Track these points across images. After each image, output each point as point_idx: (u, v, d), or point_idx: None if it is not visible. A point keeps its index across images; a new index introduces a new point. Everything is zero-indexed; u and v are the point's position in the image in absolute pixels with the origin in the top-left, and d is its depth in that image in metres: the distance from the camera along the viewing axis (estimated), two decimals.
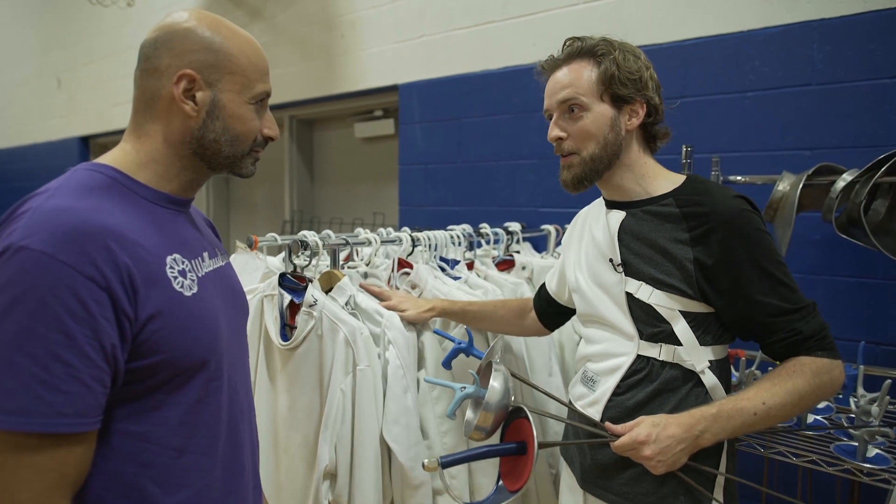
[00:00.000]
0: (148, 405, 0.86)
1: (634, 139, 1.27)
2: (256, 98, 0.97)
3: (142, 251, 0.84)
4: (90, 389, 0.78)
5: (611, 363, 1.27)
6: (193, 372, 0.89)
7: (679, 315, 1.19)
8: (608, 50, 1.23)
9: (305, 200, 3.97)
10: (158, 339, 0.84)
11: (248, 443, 1.04)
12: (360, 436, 1.35)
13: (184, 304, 0.88)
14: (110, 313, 0.79)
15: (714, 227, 1.16)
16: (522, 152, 2.66)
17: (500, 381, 1.23)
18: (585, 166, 1.25)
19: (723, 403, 1.14)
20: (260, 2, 3.78)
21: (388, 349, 1.41)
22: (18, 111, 6.54)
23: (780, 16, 1.98)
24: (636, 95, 1.23)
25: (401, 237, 1.77)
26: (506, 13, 2.67)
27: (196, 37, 0.93)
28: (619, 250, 1.25)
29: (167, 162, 0.95)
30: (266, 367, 1.47)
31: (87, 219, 0.80)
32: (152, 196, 0.93)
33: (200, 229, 1.05)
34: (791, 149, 1.98)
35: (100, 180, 0.88)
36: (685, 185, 1.25)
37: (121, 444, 0.84)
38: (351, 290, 1.48)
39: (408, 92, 3.05)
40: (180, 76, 0.91)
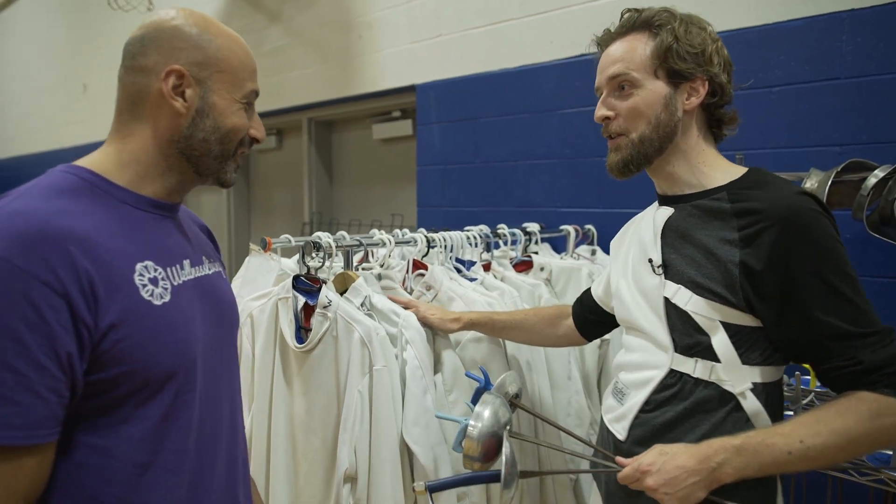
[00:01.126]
0: (114, 418, 0.82)
1: (694, 122, 1.14)
2: (246, 97, 0.96)
3: (107, 256, 0.81)
4: (44, 400, 0.74)
5: (642, 375, 1.16)
6: (161, 384, 0.85)
7: (719, 326, 1.05)
8: (667, 20, 1.11)
9: (324, 202, 3.97)
10: (121, 349, 0.80)
11: (225, 458, 0.99)
12: (377, 437, 1.33)
13: (151, 312, 0.84)
14: (67, 320, 0.75)
15: (768, 227, 1.01)
16: (540, 152, 2.62)
17: (488, 410, 1.16)
18: (634, 149, 1.13)
19: (750, 435, 1.00)
20: (278, 5, 3.79)
21: (405, 349, 1.39)
22: (44, 116, 6.66)
23: (805, 8, 1.92)
24: (697, 71, 1.10)
25: (416, 238, 1.75)
26: (522, 11, 2.63)
27: (184, 34, 0.91)
28: (662, 250, 1.14)
29: (152, 163, 0.92)
30: (282, 371, 1.46)
31: (48, 221, 0.77)
32: (131, 199, 0.90)
33: (189, 236, 1.01)
34: (819, 145, 1.92)
35: (72, 182, 0.86)
36: (743, 177, 1.11)
37: (83, 457, 0.81)
38: (366, 291, 1.46)
39: (425, 92, 3.03)
40: (169, 72, 0.90)
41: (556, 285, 2.04)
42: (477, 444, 1.14)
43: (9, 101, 7.51)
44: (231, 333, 1.06)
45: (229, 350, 1.04)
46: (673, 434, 1.09)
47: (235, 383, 1.06)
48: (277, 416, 1.45)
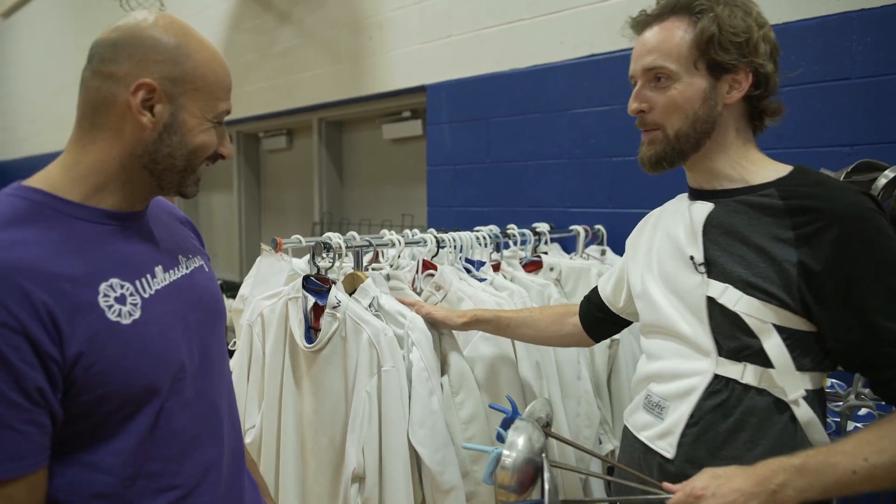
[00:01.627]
0: (100, 436, 0.82)
1: (735, 115, 1.07)
2: (218, 117, 0.92)
3: (66, 285, 0.78)
4: (21, 433, 0.74)
5: (682, 384, 1.06)
6: (142, 400, 0.84)
7: (772, 329, 0.98)
8: (709, 5, 1.02)
9: (335, 202, 3.99)
10: (94, 374, 0.79)
11: (228, 451, 1.00)
12: (387, 438, 1.34)
13: (120, 334, 0.82)
14: (31, 357, 0.74)
15: (827, 226, 0.94)
16: (551, 152, 2.62)
17: (522, 437, 1.08)
18: (668, 145, 1.07)
19: (810, 454, 0.93)
20: (288, 6, 3.81)
21: (411, 351, 1.39)
22: (60, 117, 6.72)
23: (816, 7, 1.92)
24: (740, 62, 1.02)
25: (425, 238, 1.76)
26: (533, 11, 2.64)
27: (161, 46, 0.86)
28: (704, 246, 1.05)
29: (111, 175, 0.87)
30: (292, 370, 1.47)
31: (1, 259, 0.75)
32: (87, 215, 0.86)
33: (158, 239, 0.97)
34: (829, 145, 1.91)
35: (21, 207, 0.82)
36: (793, 174, 1.04)
37: (76, 475, 0.81)
38: (374, 292, 1.47)
39: (435, 92, 3.04)
40: (139, 85, 0.85)
41: (565, 285, 2.04)
42: (512, 473, 1.05)
43: (21, 103, 7.60)
44: (217, 327, 1.03)
45: (217, 345, 1.03)
46: (729, 449, 1.02)
47: (226, 376, 1.05)
48: (287, 415, 1.46)
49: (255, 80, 4.07)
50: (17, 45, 7.66)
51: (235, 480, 1.03)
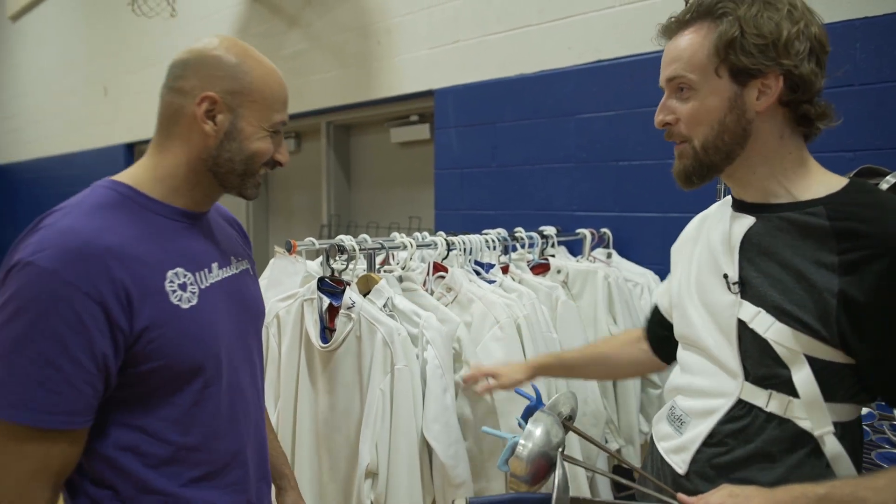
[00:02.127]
0: (148, 404, 0.94)
1: (774, 122, 0.97)
2: (273, 126, 1.03)
3: (141, 268, 0.91)
4: (80, 393, 0.86)
5: (706, 404, 1.03)
6: (189, 377, 0.96)
7: (803, 360, 0.92)
8: (732, 7, 0.95)
9: (342, 205, 4.03)
10: (154, 349, 0.91)
11: (254, 442, 1.10)
12: (397, 434, 1.38)
13: (179, 316, 0.94)
14: (104, 326, 0.86)
15: (877, 255, 0.87)
16: (558, 156, 2.66)
17: (541, 429, 1.08)
18: (696, 158, 0.99)
19: (836, 485, 0.88)
20: (297, 10, 3.85)
21: (426, 349, 1.43)
22: (67, 119, 6.78)
23: (820, 15, 1.95)
24: (768, 66, 0.93)
25: (436, 241, 1.79)
26: (541, 17, 2.67)
27: (223, 63, 0.99)
28: (740, 265, 1.00)
29: (183, 177, 1.01)
30: (307, 370, 1.51)
31: (91, 240, 0.88)
32: (164, 211, 1.00)
33: (217, 238, 1.11)
34: (832, 150, 1.94)
35: (113, 198, 0.96)
36: (845, 190, 0.95)
37: (122, 435, 0.93)
38: (388, 293, 1.51)
39: (443, 97, 3.08)
40: (203, 98, 0.97)
41: (572, 288, 2.08)
42: (526, 464, 1.05)
43: (30, 105, 7.66)
44: (255, 326, 1.15)
45: (254, 342, 1.14)
46: (742, 474, 0.98)
47: (258, 372, 1.16)
48: (302, 413, 1.50)
49: None
50: (26, 48, 7.72)
51: (262, 479, 1.13)
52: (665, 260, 1.26)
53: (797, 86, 0.95)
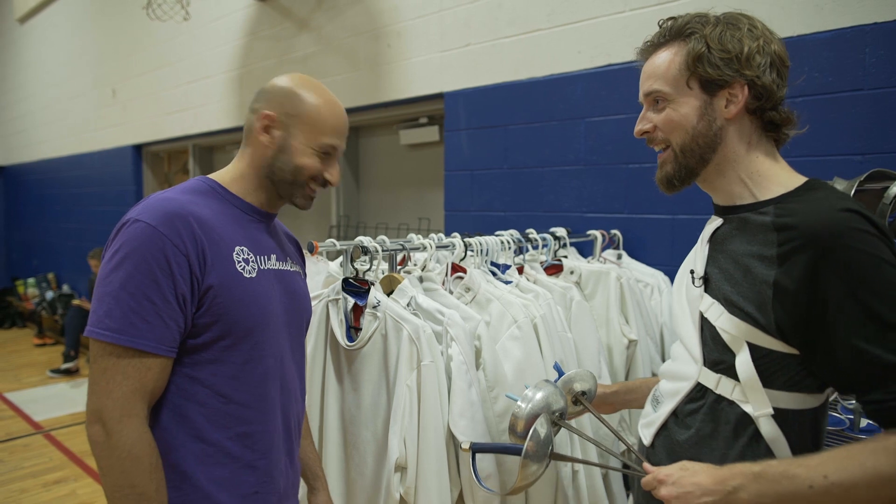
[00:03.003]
0: (206, 357, 1.11)
1: (742, 128, 1.07)
2: (322, 148, 1.21)
3: (216, 236, 1.12)
4: (167, 325, 1.05)
5: (674, 385, 1.15)
6: (241, 337, 1.13)
7: (744, 346, 1.02)
8: (699, 27, 1.07)
9: (351, 205, 4.07)
10: (216, 305, 1.10)
11: (295, 419, 1.26)
12: (425, 429, 1.41)
13: (240, 282, 1.13)
14: (186, 273, 1.07)
15: (803, 245, 0.95)
16: (568, 158, 2.70)
17: (541, 394, 1.26)
18: (676, 162, 1.10)
19: (772, 464, 0.95)
20: (307, 13, 3.89)
21: (450, 346, 1.47)
22: (76, 121, 6.82)
23: (831, 20, 1.99)
24: (733, 76, 1.04)
25: (454, 243, 1.83)
26: (552, 21, 2.71)
27: (287, 91, 1.21)
28: (707, 262, 1.11)
29: (250, 179, 1.24)
30: (333, 369, 1.55)
31: (182, 206, 1.10)
32: (240, 204, 1.23)
33: (278, 240, 1.32)
34: (842, 154, 1.99)
35: (201, 186, 1.21)
36: (796, 190, 1.04)
37: (182, 383, 1.10)
38: (411, 292, 1.55)
39: (453, 100, 3.12)
40: (263, 115, 1.20)
41: (584, 288, 2.12)
42: (521, 421, 1.23)
43: (37, 107, 7.70)
44: (301, 320, 1.31)
45: (298, 334, 1.30)
46: (690, 453, 1.09)
47: (302, 362, 1.32)
48: (329, 411, 1.54)
49: None
50: (33, 49, 7.76)
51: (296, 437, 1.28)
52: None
53: (761, 94, 1.05)
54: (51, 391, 5.36)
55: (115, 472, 1.02)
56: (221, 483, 1.12)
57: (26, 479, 3.61)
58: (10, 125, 8.55)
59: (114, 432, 1.02)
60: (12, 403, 5.01)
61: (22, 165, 8.29)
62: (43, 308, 7.08)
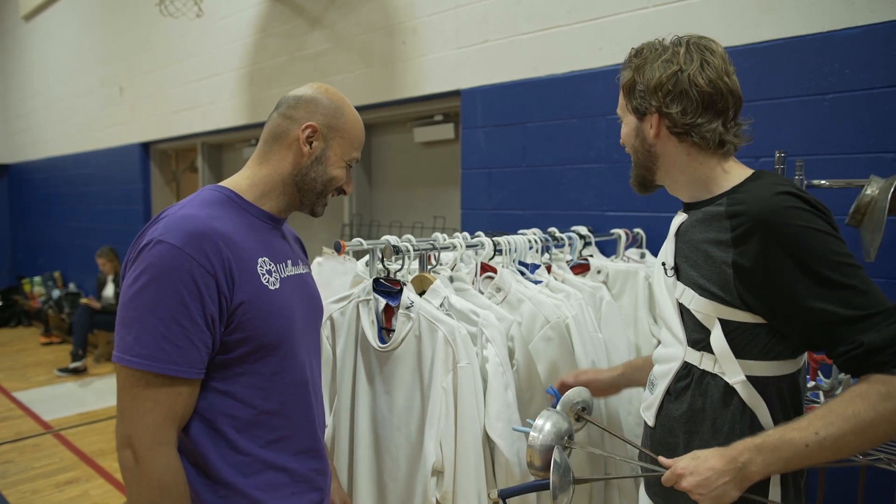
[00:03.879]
0: (235, 371, 1.11)
1: (674, 145, 1.21)
2: (350, 161, 1.26)
3: (241, 251, 1.10)
4: (197, 348, 1.04)
5: (665, 367, 1.26)
6: (270, 350, 1.13)
7: (716, 322, 1.14)
8: (630, 61, 1.23)
9: (364, 204, 4.04)
10: (245, 320, 1.09)
11: (320, 417, 1.27)
12: (463, 433, 1.39)
13: (267, 295, 1.13)
14: (215, 293, 1.05)
15: (751, 227, 1.07)
16: (589, 156, 2.67)
17: (549, 424, 1.28)
18: (634, 171, 1.29)
19: (769, 434, 1.06)
20: (320, 10, 3.86)
21: (486, 347, 1.45)
22: (83, 119, 6.79)
23: (862, 16, 1.96)
24: (649, 107, 1.19)
25: (483, 242, 1.80)
26: (571, 18, 2.68)
27: (328, 105, 1.24)
28: (675, 254, 1.23)
29: (274, 186, 1.23)
30: (364, 371, 1.52)
31: (206, 224, 1.08)
32: (255, 211, 1.21)
33: (289, 243, 1.32)
34: (873, 151, 1.96)
35: (217, 197, 1.18)
36: (745, 181, 1.17)
37: (213, 398, 1.10)
38: (444, 292, 1.52)
39: (470, 97, 3.08)
40: (308, 125, 1.21)
41: (612, 288, 2.09)
42: (536, 454, 1.25)
43: (44, 105, 7.67)
44: (318, 320, 1.34)
45: (317, 334, 1.32)
46: (688, 426, 1.20)
47: (320, 357, 1.34)
48: (360, 414, 1.51)
49: (285, 84, 4.12)
50: (39, 47, 7.73)
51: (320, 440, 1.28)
52: None
53: (674, 121, 1.18)
54: (59, 390, 5.34)
55: (143, 498, 1.02)
56: (262, 488, 1.14)
57: (38, 480, 3.59)
58: (17, 123, 8.52)
59: (144, 460, 1.01)
60: (21, 403, 4.99)
61: (28, 163, 8.27)
62: (49, 307, 7.06)
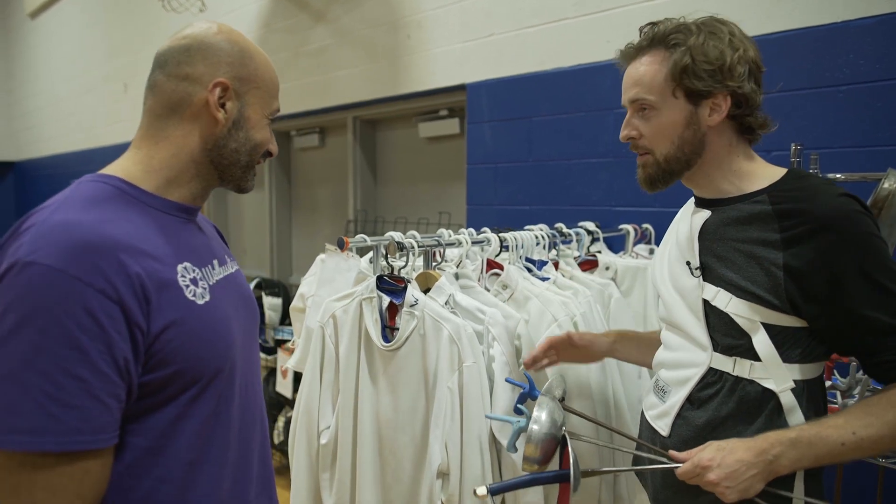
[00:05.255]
0: (163, 419, 0.85)
1: (723, 133, 1.14)
2: (273, 114, 1.00)
3: (152, 261, 0.83)
4: (105, 405, 0.76)
5: (682, 373, 1.18)
6: (208, 382, 0.88)
7: (760, 327, 1.08)
8: (682, 38, 1.11)
9: (368, 200, 4.01)
10: (172, 350, 0.83)
11: (258, 451, 1.03)
12: (469, 433, 1.36)
13: (196, 312, 0.87)
14: (123, 327, 0.77)
15: (813, 230, 1.03)
16: (597, 150, 2.62)
17: (545, 413, 1.20)
18: (659, 168, 1.16)
19: (804, 428, 1.04)
20: (324, 4, 3.83)
21: (492, 346, 1.41)
22: (87, 115, 6.78)
23: (877, 6, 1.91)
24: (717, 87, 1.10)
25: (489, 238, 1.77)
26: (579, 10, 2.64)
27: (229, 50, 0.95)
28: (699, 252, 1.15)
29: (182, 168, 0.94)
30: (368, 370, 1.49)
31: (96, 231, 0.79)
32: (159, 204, 0.92)
33: (209, 237, 1.05)
34: (890, 144, 1.91)
35: (105, 191, 0.87)
36: (784, 179, 1.12)
37: (135, 459, 0.83)
38: (449, 290, 1.49)
39: (476, 91, 3.05)
40: (217, 84, 0.93)
41: (621, 284, 2.05)
42: (536, 446, 1.17)
43: (47, 102, 7.67)
44: (255, 326, 1.10)
45: (255, 342, 1.10)
46: (715, 434, 1.12)
47: (259, 376, 1.11)
48: (363, 415, 1.48)
49: (289, 79, 4.09)
50: (43, 45, 7.72)
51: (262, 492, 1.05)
52: None
53: (741, 102, 1.12)
54: None
55: None
56: None
57: None
58: (21, 121, 8.52)
59: None
60: None
61: (33, 161, 8.26)
62: None
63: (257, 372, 1.08)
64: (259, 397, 1.06)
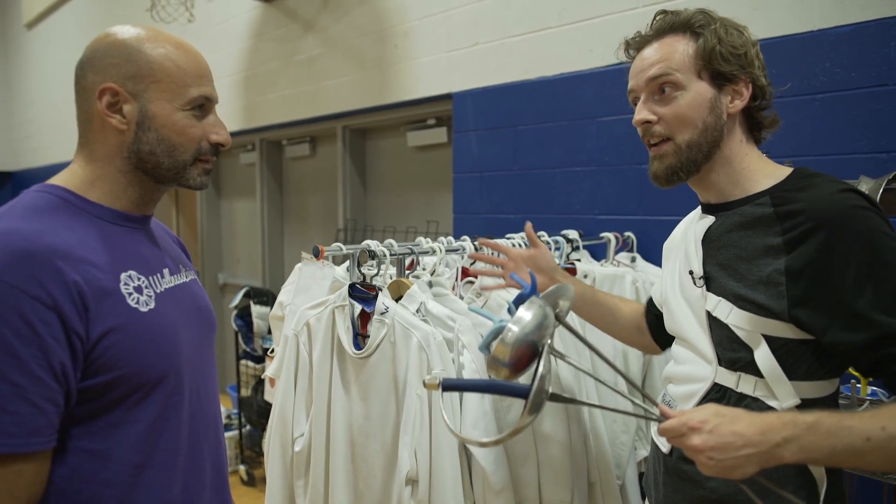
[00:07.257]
0: (107, 423, 0.86)
1: (737, 126, 1.09)
2: (191, 104, 0.94)
3: (92, 269, 0.84)
4: (40, 409, 0.78)
5: (687, 388, 1.11)
6: (152, 387, 0.89)
7: (761, 339, 1.00)
8: (707, 21, 1.07)
9: (358, 209, 4.02)
10: (113, 356, 0.84)
11: (211, 458, 1.03)
12: (437, 440, 1.36)
13: (139, 319, 0.88)
14: (60, 333, 0.79)
15: (813, 228, 0.95)
16: (580, 159, 2.64)
17: (531, 314, 0.97)
18: (681, 155, 1.07)
19: (825, 414, 0.89)
20: (313, 14, 3.85)
21: (462, 353, 1.41)
22: None
23: (853, 14, 1.92)
24: (741, 73, 1.06)
25: (464, 246, 1.77)
26: (562, 19, 2.65)
27: (116, 50, 0.93)
28: (704, 261, 1.10)
29: (113, 179, 0.94)
30: (340, 378, 1.49)
31: (33, 240, 0.81)
32: (104, 214, 0.93)
33: (162, 246, 1.04)
34: (866, 152, 1.92)
35: (49, 201, 0.89)
36: (787, 179, 1.05)
37: (79, 463, 0.84)
38: (421, 298, 1.49)
39: (462, 100, 3.06)
40: (102, 91, 0.91)
41: None
42: (510, 349, 0.95)
43: (45, 111, 7.70)
44: (210, 337, 1.09)
45: (209, 353, 1.08)
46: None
47: (216, 385, 1.10)
48: (336, 422, 1.48)
49: (279, 88, 4.11)
50: (40, 55, 7.76)
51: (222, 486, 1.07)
52: None
53: (757, 94, 1.09)
54: None
55: None
56: None
57: None
58: (19, 130, 8.56)
59: None
60: None
61: (31, 171, 8.29)
62: None
63: (212, 380, 1.07)
64: (214, 405, 1.06)
